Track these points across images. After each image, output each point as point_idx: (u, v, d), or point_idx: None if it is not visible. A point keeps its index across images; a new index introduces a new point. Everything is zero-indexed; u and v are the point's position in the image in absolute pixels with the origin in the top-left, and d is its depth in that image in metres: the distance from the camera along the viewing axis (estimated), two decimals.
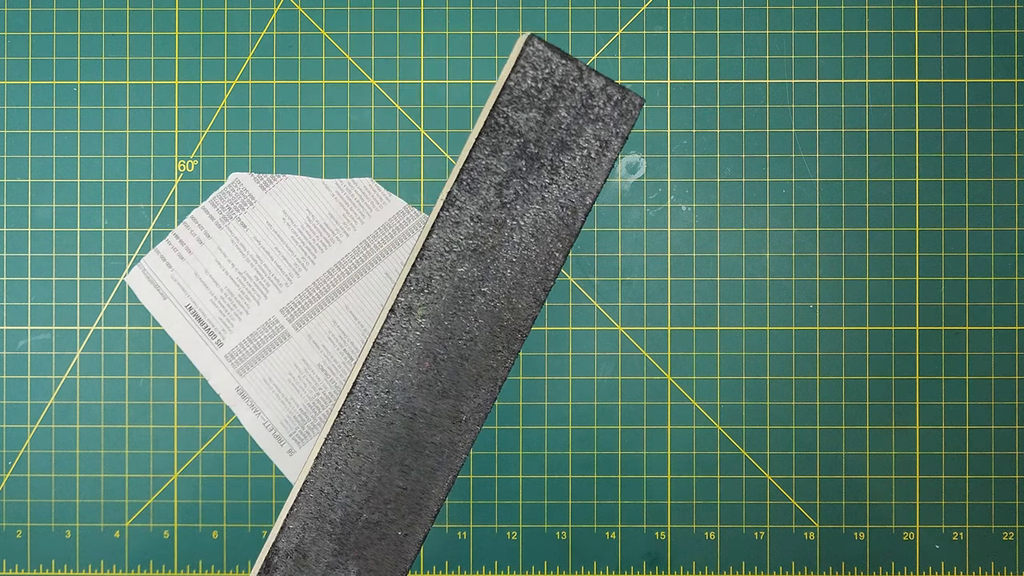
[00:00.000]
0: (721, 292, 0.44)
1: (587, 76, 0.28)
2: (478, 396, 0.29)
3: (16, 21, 0.45)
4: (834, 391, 0.44)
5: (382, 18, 0.45)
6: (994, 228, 0.44)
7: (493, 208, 0.28)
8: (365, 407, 0.29)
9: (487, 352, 0.29)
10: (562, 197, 0.28)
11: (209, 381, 0.44)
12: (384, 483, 0.29)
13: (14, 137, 0.45)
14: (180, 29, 0.45)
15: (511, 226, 0.28)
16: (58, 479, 0.44)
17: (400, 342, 0.29)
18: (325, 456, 0.29)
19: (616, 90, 0.28)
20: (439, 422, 0.29)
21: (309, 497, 0.29)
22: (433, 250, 0.28)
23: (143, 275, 0.44)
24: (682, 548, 0.44)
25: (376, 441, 0.29)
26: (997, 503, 0.44)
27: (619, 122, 0.28)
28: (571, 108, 0.28)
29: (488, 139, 0.28)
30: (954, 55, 0.44)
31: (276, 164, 0.45)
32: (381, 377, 0.29)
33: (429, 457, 0.29)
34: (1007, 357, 0.44)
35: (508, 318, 0.28)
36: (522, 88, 0.28)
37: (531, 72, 0.28)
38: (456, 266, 0.28)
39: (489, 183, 0.28)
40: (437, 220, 0.28)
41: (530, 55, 0.28)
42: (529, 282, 0.29)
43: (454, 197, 0.28)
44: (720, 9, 0.45)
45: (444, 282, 0.28)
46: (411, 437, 0.29)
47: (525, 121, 0.28)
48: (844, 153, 0.44)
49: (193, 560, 0.44)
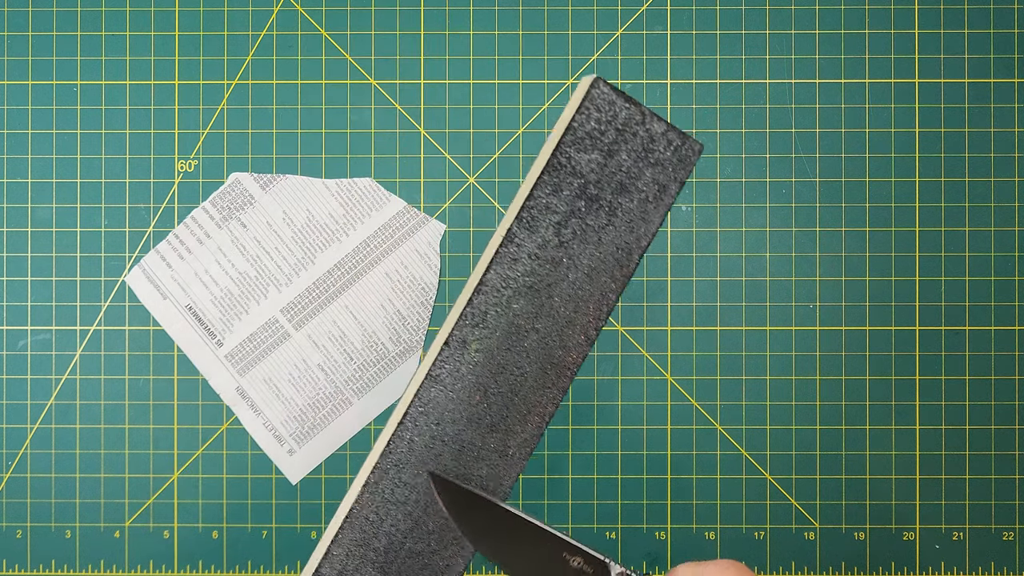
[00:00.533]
0: (721, 292, 0.44)
1: (649, 120, 0.28)
2: (525, 431, 0.29)
3: (16, 21, 0.45)
4: (834, 391, 0.44)
5: (382, 18, 0.45)
6: (994, 228, 0.44)
7: (551, 246, 0.29)
8: (415, 437, 0.29)
9: (537, 388, 0.29)
10: (618, 239, 0.29)
11: (209, 381, 0.44)
12: (429, 513, 0.29)
13: (14, 137, 0.45)
14: (180, 29, 0.45)
15: (567, 265, 0.29)
16: (58, 479, 0.44)
17: (453, 375, 0.29)
18: (372, 484, 0.29)
19: (676, 136, 0.29)
20: (486, 455, 0.29)
21: (355, 524, 0.29)
22: (490, 285, 0.29)
23: (143, 275, 0.44)
24: (682, 548, 0.44)
25: (424, 471, 0.29)
26: (997, 503, 0.44)
27: (678, 167, 0.29)
28: (632, 151, 0.29)
29: (550, 178, 0.29)
30: (954, 55, 0.44)
31: (276, 164, 0.45)
32: (432, 409, 0.29)
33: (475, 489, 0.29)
34: (1007, 357, 0.44)
35: (559, 355, 0.29)
36: (585, 130, 0.28)
37: (595, 114, 0.28)
38: (512, 302, 0.29)
39: (548, 222, 0.29)
40: (496, 256, 0.29)
41: (595, 98, 0.28)
42: (581, 321, 0.29)
43: (513, 234, 0.29)
44: (720, 9, 0.45)
45: (499, 318, 0.29)
46: (458, 469, 0.29)
47: (587, 162, 0.29)
48: (844, 153, 0.44)
49: (193, 560, 0.44)
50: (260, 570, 0.44)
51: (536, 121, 0.45)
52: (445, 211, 0.44)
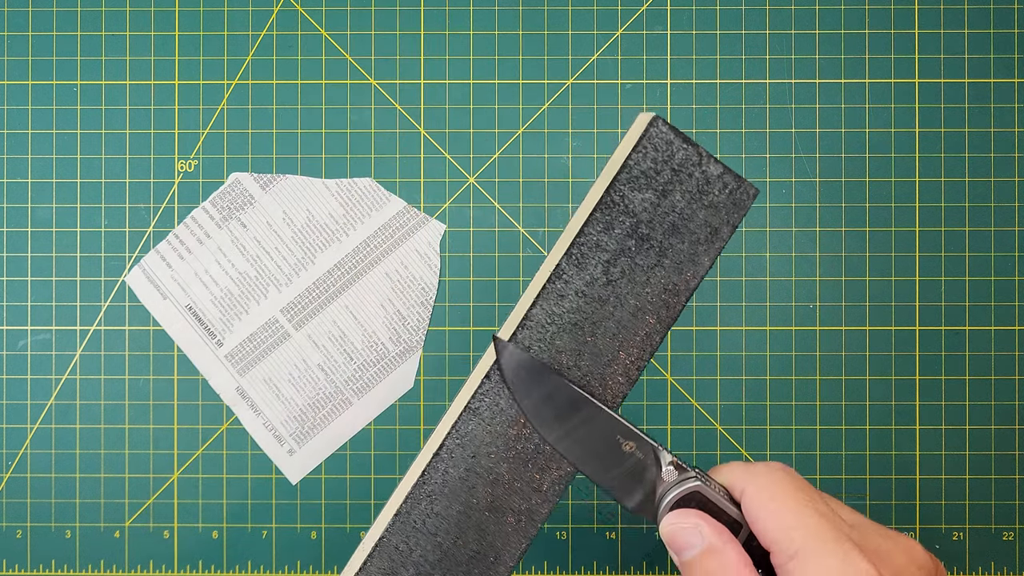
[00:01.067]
0: (721, 292, 0.44)
1: (706, 162, 0.28)
2: (561, 468, 0.29)
3: (16, 21, 0.45)
4: (834, 391, 0.44)
5: (382, 18, 0.45)
6: (994, 228, 0.44)
7: (599, 284, 0.28)
8: (450, 469, 0.29)
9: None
10: (666, 280, 0.28)
11: (209, 381, 0.44)
12: (459, 545, 0.29)
13: (14, 137, 0.45)
14: (180, 29, 0.45)
15: (613, 303, 0.28)
16: (58, 479, 0.44)
17: (491, 408, 0.29)
18: (404, 514, 0.29)
19: (732, 179, 0.28)
20: (520, 489, 0.29)
21: (383, 553, 0.29)
22: (535, 321, 0.28)
23: (143, 275, 0.44)
24: None
25: (456, 504, 0.29)
26: (997, 503, 0.44)
27: (732, 211, 0.28)
28: (686, 192, 0.28)
29: (602, 216, 0.28)
30: (954, 55, 0.44)
31: (276, 164, 0.45)
32: (469, 441, 0.29)
33: (506, 523, 0.29)
34: (1007, 357, 0.44)
35: (598, 393, 0.29)
36: (641, 168, 0.28)
37: (652, 153, 0.28)
38: (555, 338, 0.28)
39: (597, 259, 0.28)
40: (542, 291, 0.28)
41: (653, 136, 0.28)
42: (623, 360, 0.29)
43: (562, 270, 0.28)
44: (720, 9, 0.45)
45: (542, 353, 0.28)
46: (491, 502, 0.29)
47: (640, 201, 0.28)
48: (844, 153, 0.44)
49: (193, 560, 0.44)
50: (260, 570, 0.44)
51: (536, 121, 0.45)
52: (445, 211, 0.44)
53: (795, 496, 0.25)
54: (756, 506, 0.25)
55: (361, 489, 0.44)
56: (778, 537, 0.24)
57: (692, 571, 0.26)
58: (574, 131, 0.45)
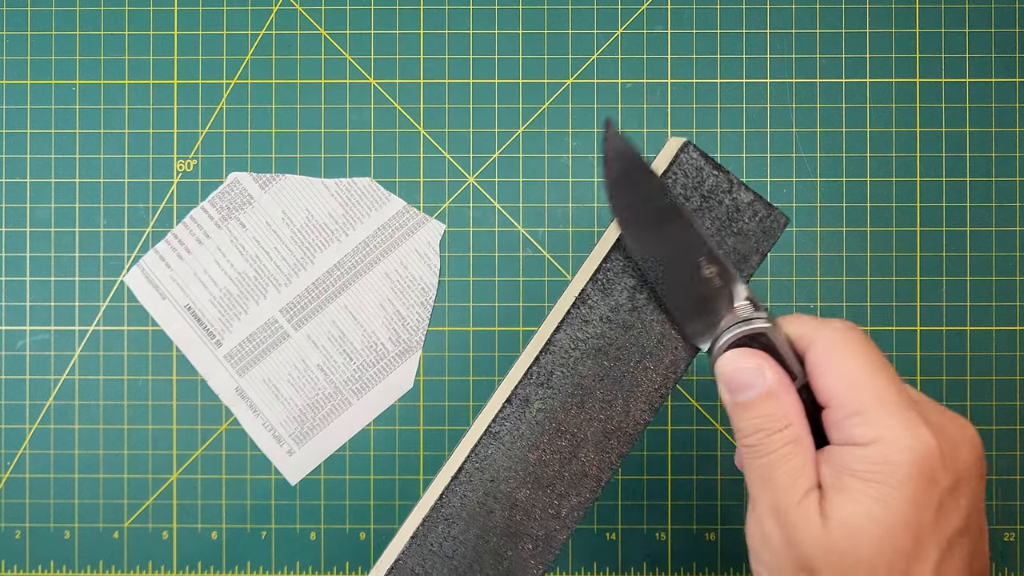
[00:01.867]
0: None
1: (736, 189, 0.28)
2: (580, 494, 0.28)
3: (15, 21, 0.45)
4: None
5: (382, 17, 0.45)
6: (995, 228, 0.44)
7: (624, 311, 0.28)
8: (468, 493, 0.28)
9: (595, 453, 0.28)
10: None
11: (208, 381, 0.44)
12: (475, 570, 0.28)
13: (12, 137, 0.44)
14: (179, 28, 0.45)
15: (639, 330, 0.28)
16: (57, 479, 0.44)
17: (512, 433, 0.28)
18: (421, 536, 0.28)
19: (763, 207, 0.28)
20: (538, 515, 0.28)
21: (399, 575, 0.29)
22: (559, 346, 0.28)
23: (142, 275, 0.44)
24: (682, 549, 0.44)
25: (473, 527, 0.28)
26: (997, 503, 0.44)
27: (761, 239, 0.28)
28: (716, 219, 0.28)
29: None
30: (955, 54, 0.44)
31: (275, 164, 0.44)
32: (488, 465, 0.28)
33: (523, 549, 0.28)
34: (1008, 357, 0.44)
35: (620, 421, 0.28)
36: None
37: (682, 179, 0.28)
38: (579, 364, 0.28)
39: (623, 286, 0.28)
40: (567, 317, 0.28)
41: (684, 162, 0.28)
42: (646, 388, 0.28)
43: (587, 295, 0.28)
44: (720, 8, 0.44)
45: (564, 379, 0.28)
46: (508, 527, 0.28)
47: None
48: (845, 153, 0.44)
49: (192, 561, 0.44)
50: (259, 571, 0.44)
51: (536, 121, 0.44)
52: (445, 211, 0.44)
53: (867, 356, 0.24)
54: (824, 359, 0.24)
55: (360, 490, 0.44)
56: (842, 392, 0.24)
57: (746, 412, 0.25)
58: (574, 131, 0.44)
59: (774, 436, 0.24)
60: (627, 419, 0.28)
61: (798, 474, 0.24)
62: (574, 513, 0.28)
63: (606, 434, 0.28)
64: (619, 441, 0.28)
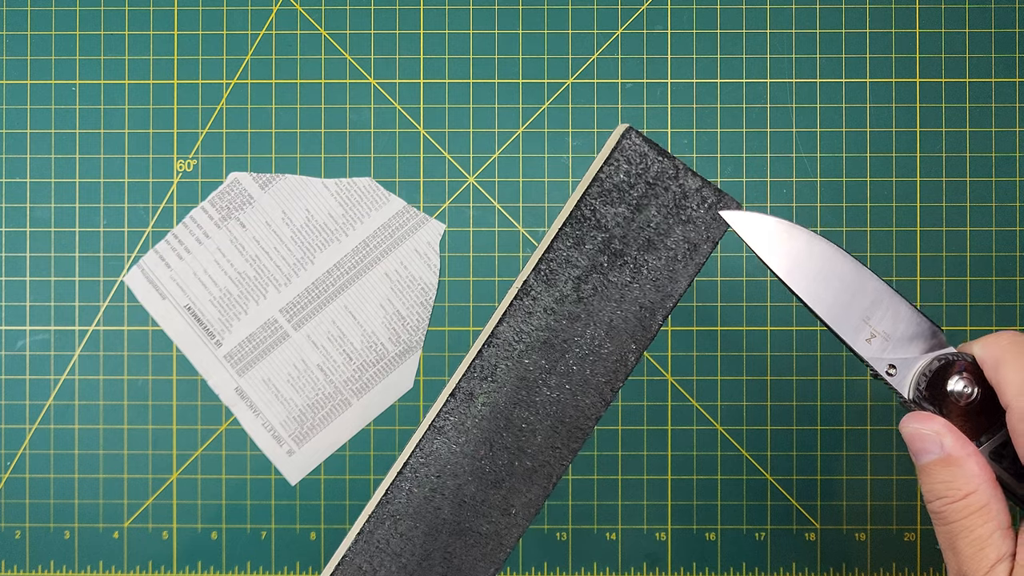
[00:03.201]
0: (721, 292, 0.44)
1: (683, 175, 0.27)
2: (530, 491, 0.28)
3: (15, 21, 0.45)
4: (835, 391, 0.44)
5: (382, 17, 0.45)
6: (995, 228, 0.44)
7: (569, 302, 0.27)
8: (414, 488, 0.28)
9: (545, 447, 0.28)
10: (642, 297, 0.27)
11: (208, 381, 0.44)
12: (424, 568, 0.28)
13: (12, 137, 0.44)
14: (179, 28, 0.45)
15: (585, 321, 0.27)
16: (57, 480, 0.44)
17: (457, 428, 0.28)
18: (367, 533, 0.28)
19: (712, 192, 0.27)
20: (488, 512, 0.28)
21: (347, 572, 0.28)
22: (502, 338, 0.27)
23: (142, 275, 0.44)
24: (683, 549, 0.44)
25: (421, 524, 0.28)
26: None
27: (711, 226, 0.27)
28: (662, 207, 0.27)
29: (572, 230, 0.27)
30: (955, 54, 0.44)
31: (275, 164, 0.44)
32: (434, 460, 0.28)
33: (474, 547, 0.28)
34: None
35: (571, 415, 0.27)
36: (613, 181, 0.27)
37: (625, 166, 0.27)
38: (523, 357, 0.27)
39: (568, 276, 0.27)
40: (509, 308, 0.27)
41: (626, 148, 0.27)
42: (597, 380, 0.28)
43: (529, 287, 0.27)
44: (720, 8, 0.44)
45: (509, 372, 0.27)
46: (457, 524, 0.28)
47: (613, 216, 0.27)
48: (845, 153, 0.44)
49: (192, 561, 0.44)
50: (259, 571, 0.44)
51: (536, 120, 0.44)
52: (445, 211, 0.44)
53: None
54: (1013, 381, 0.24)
55: (360, 490, 0.44)
56: None
57: (927, 477, 0.25)
58: (574, 131, 0.44)
59: (956, 505, 0.24)
60: (577, 413, 0.28)
61: (983, 544, 0.23)
62: (526, 511, 0.28)
63: (555, 429, 0.28)
64: (570, 436, 0.28)
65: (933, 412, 0.25)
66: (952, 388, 0.25)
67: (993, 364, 0.24)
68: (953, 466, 0.24)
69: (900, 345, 0.26)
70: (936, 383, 0.26)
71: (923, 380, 0.26)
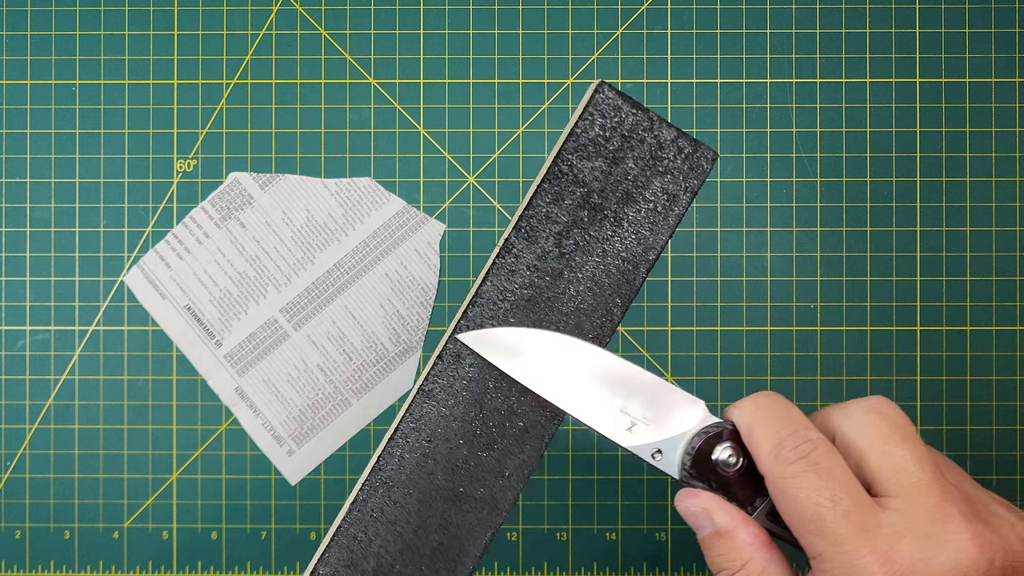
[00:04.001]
0: (721, 292, 0.44)
1: (658, 127, 0.27)
2: (523, 452, 0.27)
3: (15, 21, 0.45)
4: (835, 391, 0.44)
5: (382, 17, 0.45)
6: (995, 228, 0.44)
7: (551, 258, 0.27)
8: (405, 454, 0.27)
9: (536, 407, 0.27)
10: (624, 251, 0.27)
11: (208, 381, 0.44)
12: (420, 536, 0.27)
13: (12, 137, 0.44)
14: (179, 28, 0.45)
15: (568, 278, 0.27)
16: (57, 480, 0.44)
17: (446, 390, 0.27)
18: (361, 502, 0.27)
19: (688, 143, 0.27)
20: (482, 476, 0.27)
21: (342, 543, 0.28)
22: (486, 298, 0.27)
23: (142, 275, 0.44)
24: (683, 549, 0.44)
25: (415, 491, 0.27)
26: None
27: (689, 176, 0.27)
28: (639, 159, 0.27)
29: (550, 187, 0.27)
30: (955, 54, 0.44)
31: (275, 164, 0.44)
32: (424, 425, 0.27)
33: (469, 512, 0.27)
34: (1008, 357, 0.44)
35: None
36: (589, 136, 0.27)
37: (599, 120, 0.27)
38: (509, 315, 0.27)
39: (548, 232, 0.27)
40: (492, 267, 0.27)
41: (599, 103, 0.27)
42: (583, 337, 0.27)
43: (511, 244, 0.27)
44: (720, 8, 0.44)
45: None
46: (452, 490, 0.27)
47: (590, 170, 0.27)
48: (845, 153, 0.44)
49: (192, 561, 0.44)
50: (259, 571, 0.44)
51: (536, 120, 0.44)
52: (445, 211, 0.44)
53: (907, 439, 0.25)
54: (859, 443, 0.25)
55: None
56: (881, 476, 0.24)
57: (706, 551, 0.25)
58: None
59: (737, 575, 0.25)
60: None
61: None
62: (520, 472, 0.27)
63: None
64: None
65: (703, 487, 0.25)
66: (717, 459, 0.25)
67: (747, 430, 0.25)
68: (725, 539, 0.25)
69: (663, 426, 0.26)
70: (701, 458, 0.25)
71: (687, 458, 0.26)
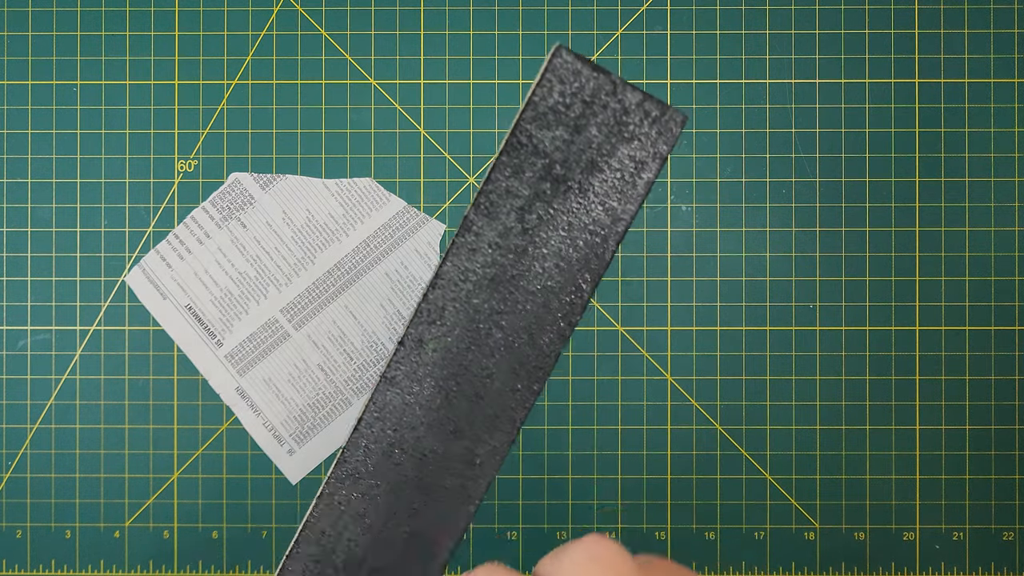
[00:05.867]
0: (721, 292, 0.44)
1: (621, 90, 0.25)
2: (494, 438, 0.26)
3: (16, 21, 0.45)
4: (834, 391, 0.44)
5: (382, 18, 0.45)
6: (994, 228, 0.44)
7: (514, 234, 0.26)
8: (371, 445, 0.26)
9: (505, 391, 0.26)
10: (592, 224, 0.26)
11: (209, 381, 0.44)
12: (390, 528, 0.26)
13: (14, 137, 0.45)
14: (180, 29, 0.45)
15: (533, 254, 0.26)
16: (58, 479, 0.44)
17: (409, 377, 0.26)
18: (327, 495, 0.26)
19: (655, 106, 0.25)
20: (451, 465, 0.26)
21: (310, 538, 0.27)
22: (447, 279, 0.26)
23: (143, 275, 0.44)
24: (682, 548, 0.44)
25: (382, 482, 0.26)
26: (997, 503, 0.44)
27: (657, 141, 0.26)
28: (603, 126, 0.26)
29: (509, 159, 0.26)
30: (954, 55, 0.44)
31: (276, 164, 0.45)
32: (388, 414, 0.26)
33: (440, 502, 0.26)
34: (1007, 357, 0.44)
35: (529, 354, 0.26)
36: (548, 104, 0.26)
37: (558, 86, 0.25)
38: (472, 296, 0.26)
39: (510, 207, 0.26)
40: (452, 246, 0.26)
41: (557, 67, 0.25)
42: (552, 316, 0.26)
43: (471, 222, 0.26)
44: (720, 9, 0.45)
45: (458, 314, 0.26)
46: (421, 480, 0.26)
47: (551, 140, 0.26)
48: (844, 153, 0.44)
49: (193, 560, 0.44)
50: (260, 570, 0.44)
51: None
52: (445, 211, 0.44)
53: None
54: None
55: None
56: None
57: None
58: None
59: None
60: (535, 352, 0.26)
61: None
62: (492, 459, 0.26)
63: (514, 371, 0.26)
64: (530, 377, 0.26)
65: None
66: None
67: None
68: None
69: None
70: None
71: None
